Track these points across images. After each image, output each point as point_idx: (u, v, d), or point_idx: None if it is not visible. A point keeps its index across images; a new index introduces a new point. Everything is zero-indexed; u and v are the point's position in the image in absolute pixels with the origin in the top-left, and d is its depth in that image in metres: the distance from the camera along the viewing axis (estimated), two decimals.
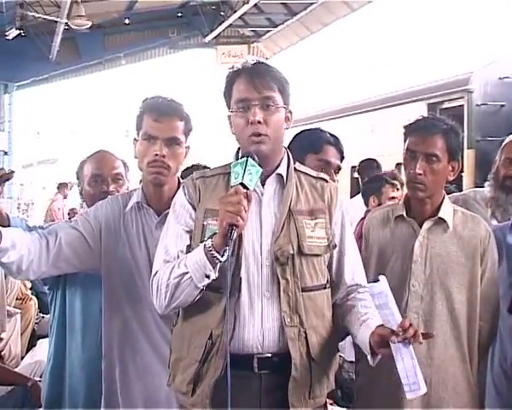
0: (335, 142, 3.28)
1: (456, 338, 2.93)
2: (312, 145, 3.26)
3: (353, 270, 2.64)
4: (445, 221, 2.96)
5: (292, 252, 2.45)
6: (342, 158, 3.30)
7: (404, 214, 3.01)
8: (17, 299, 6.78)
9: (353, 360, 3.67)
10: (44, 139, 35.34)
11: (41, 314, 7.16)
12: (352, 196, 8.49)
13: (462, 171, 9.15)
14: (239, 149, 2.58)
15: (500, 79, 9.92)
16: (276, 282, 2.45)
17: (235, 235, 2.32)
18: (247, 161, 2.39)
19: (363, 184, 6.02)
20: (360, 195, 5.91)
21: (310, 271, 2.50)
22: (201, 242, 2.43)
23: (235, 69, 2.54)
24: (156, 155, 2.86)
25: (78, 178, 3.48)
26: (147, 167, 2.91)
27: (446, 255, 2.94)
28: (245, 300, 2.44)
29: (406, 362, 2.31)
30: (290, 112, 2.58)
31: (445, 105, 10.39)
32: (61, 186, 15.60)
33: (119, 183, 3.34)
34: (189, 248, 2.51)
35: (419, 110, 8.64)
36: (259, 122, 2.44)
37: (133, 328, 2.94)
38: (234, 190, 2.34)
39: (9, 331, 6.09)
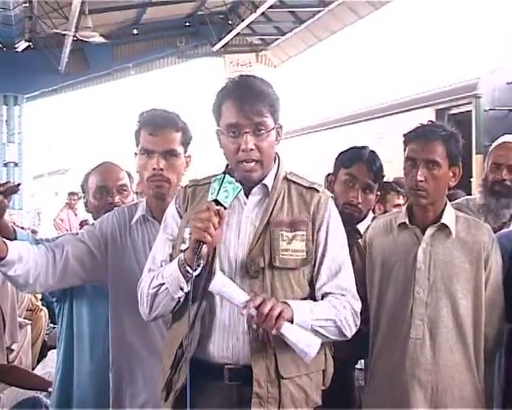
0: (369, 160, 3.26)
1: (461, 344, 2.92)
2: (344, 160, 3.29)
3: (327, 278, 2.50)
4: (447, 227, 2.96)
5: (262, 265, 2.41)
6: (377, 178, 3.28)
7: (407, 222, 3.01)
8: (27, 310, 6.79)
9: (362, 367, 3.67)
10: (55, 150, 35.46)
11: (52, 325, 7.16)
12: None
13: (470, 176, 9.16)
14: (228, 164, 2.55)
15: (508, 84, 9.90)
16: None
17: (204, 250, 2.30)
18: (224, 177, 2.37)
19: None
20: None
21: (283, 284, 2.43)
22: (181, 251, 2.42)
23: (224, 87, 2.50)
24: (154, 169, 2.88)
25: (83, 191, 3.50)
26: (147, 182, 2.93)
27: (450, 261, 2.93)
28: (216, 310, 2.43)
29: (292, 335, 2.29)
30: (280, 127, 2.53)
31: (453, 111, 10.38)
32: (70, 195, 15.63)
33: (124, 194, 3.36)
34: (172, 258, 2.51)
35: (427, 116, 8.63)
36: (251, 149, 2.42)
37: (138, 338, 2.96)
38: (206, 207, 2.33)
39: (20, 342, 6.11)
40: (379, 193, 3.35)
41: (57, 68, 18.81)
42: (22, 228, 11.11)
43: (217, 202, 2.33)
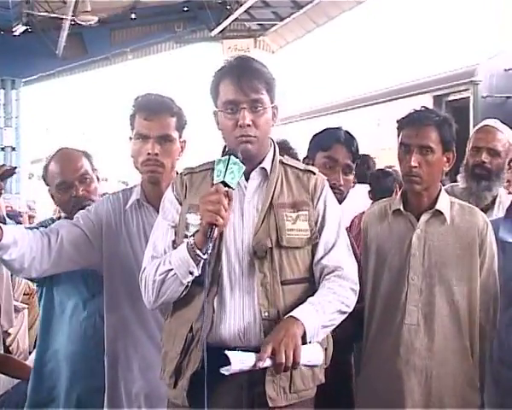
0: (347, 141, 3.25)
1: (456, 330, 2.94)
2: (322, 143, 3.27)
3: (325, 249, 2.55)
4: (442, 214, 2.96)
5: (270, 245, 2.45)
6: (355, 158, 3.28)
7: (401, 208, 3.01)
8: (24, 294, 6.81)
9: None
10: (53, 134, 35.40)
11: None
12: None
13: None
14: (226, 145, 2.59)
15: (506, 70, 9.92)
16: (255, 276, 2.45)
17: (215, 233, 2.34)
18: (229, 158, 2.39)
19: (376, 177, 5.96)
20: (365, 186, 5.87)
21: (290, 264, 2.49)
22: (185, 237, 2.45)
23: (221, 67, 2.54)
24: (149, 153, 2.88)
25: (46, 184, 3.35)
26: (141, 167, 2.93)
27: (444, 248, 2.94)
28: (225, 294, 2.46)
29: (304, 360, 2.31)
30: (276, 108, 2.58)
31: (451, 97, 10.38)
32: None
33: (86, 182, 3.24)
34: (174, 244, 2.53)
35: (425, 103, 8.60)
36: (248, 125, 2.45)
37: (133, 324, 2.97)
38: (214, 189, 2.35)
39: (17, 326, 6.13)
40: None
41: (55, 52, 18.75)
42: (19, 213, 11.10)
43: (223, 184, 2.35)
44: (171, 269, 2.42)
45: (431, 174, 2.95)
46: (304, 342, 2.32)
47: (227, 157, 2.40)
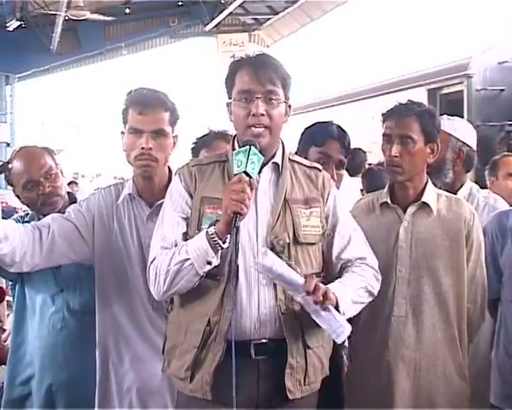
0: (340, 136, 3.27)
1: (444, 321, 2.95)
2: (315, 138, 3.28)
3: (341, 247, 2.64)
4: (428, 205, 2.98)
5: (288, 241, 2.49)
6: (347, 153, 3.30)
7: (389, 201, 3.04)
8: None
9: None
10: (48, 130, 35.37)
11: None
12: None
13: None
14: (235, 137, 2.61)
15: (499, 63, 9.89)
16: None
17: (238, 222, 2.34)
18: (249, 149, 2.40)
19: (370, 173, 5.97)
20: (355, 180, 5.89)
21: (305, 259, 2.54)
22: (198, 230, 2.46)
23: (240, 59, 2.57)
24: (143, 148, 2.87)
25: (10, 184, 3.30)
26: (135, 161, 2.92)
27: (431, 239, 2.96)
28: (242, 287, 2.47)
29: (324, 315, 2.37)
30: (289, 106, 2.60)
31: (445, 90, 10.37)
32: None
33: (51, 178, 3.19)
34: (186, 236, 2.53)
35: (419, 96, 8.62)
36: (262, 115, 2.47)
37: (123, 318, 2.97)
38: (237, 179, 2.36)
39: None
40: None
41: (49, 48, 18.72)
42: (14, 208, 11.06)
43: (245, 174, 2.37)
44: (188, 259, 2.41)
45: (412, 164, 2.96)
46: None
47: (247, 147, 2.41)
